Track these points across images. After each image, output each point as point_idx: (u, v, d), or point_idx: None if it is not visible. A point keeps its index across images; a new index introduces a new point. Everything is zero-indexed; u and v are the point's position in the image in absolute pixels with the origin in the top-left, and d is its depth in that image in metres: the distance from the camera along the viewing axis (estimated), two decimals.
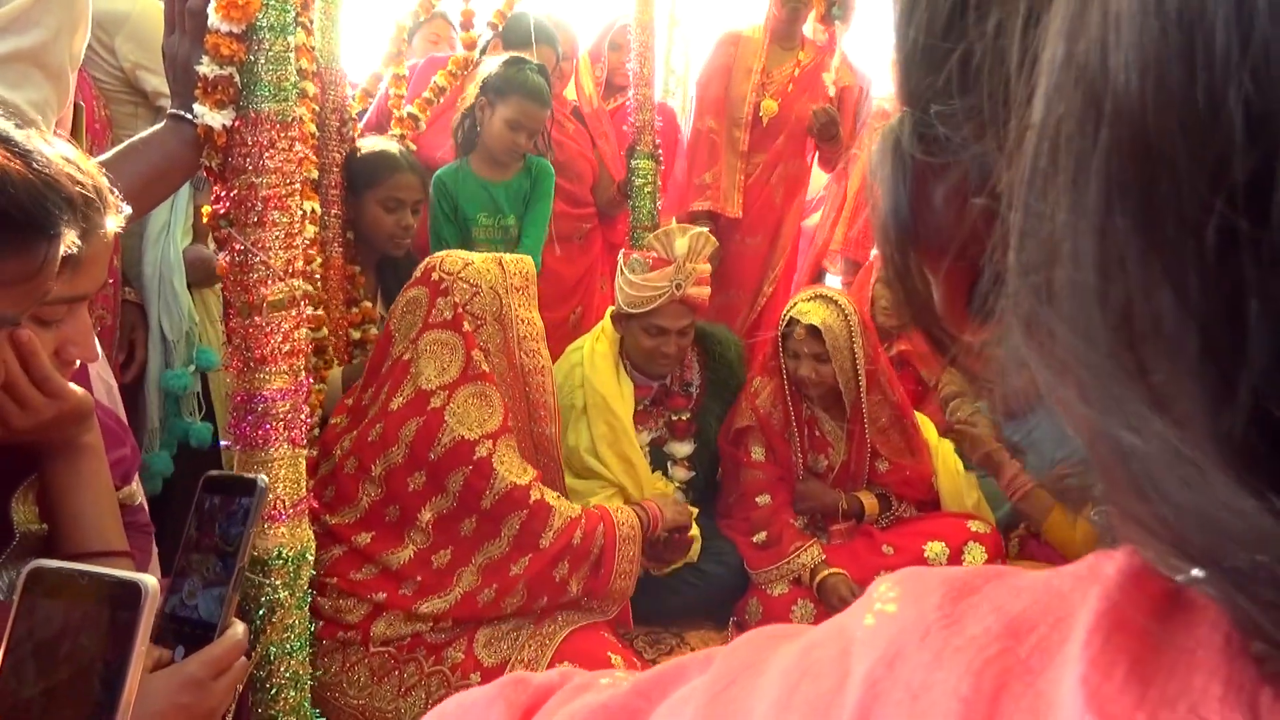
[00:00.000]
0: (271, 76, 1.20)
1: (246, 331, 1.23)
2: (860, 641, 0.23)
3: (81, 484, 0.92)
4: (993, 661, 0.20)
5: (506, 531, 1.69)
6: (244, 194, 1.21)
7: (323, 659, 1.64)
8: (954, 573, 0.24)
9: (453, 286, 1.74)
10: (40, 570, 0.60)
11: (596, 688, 0.30)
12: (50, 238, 0.72)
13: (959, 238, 0.26)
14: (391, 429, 1.68)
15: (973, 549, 2.10)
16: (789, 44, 2.96)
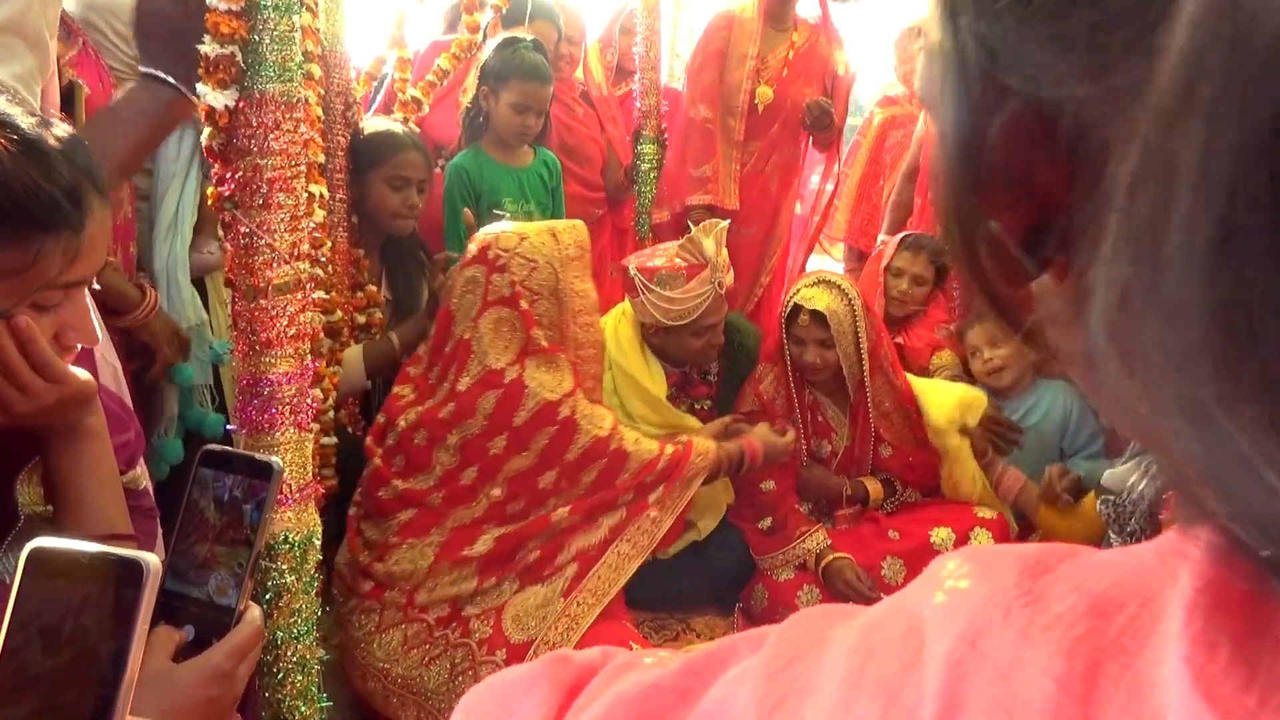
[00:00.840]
0: (276, 56, 1.19)
1: (252, 315, 1.22)
2: (931, 620, 0.22)
3: (85, 467, 0.91)
4: (1083, 640, 0.20)
5: (585, 479, 1.74)
6: (249, 176, 1.20)
7: (360, 615, 1.69)
8: (1025, 549, 0.23)
9: (510, 263, 1.74)
10: (40, 550, 0.59)
11: (641, 666, 0.30)
12: (45, 231, 0.70)
13: (1022, 174, 0.23)
14: (466, 405, 1.71)
15: (979, 534, 2.08)
16: (782, 25, 2.88)
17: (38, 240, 0.70)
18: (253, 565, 0.74)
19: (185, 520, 0.75)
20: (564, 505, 1.73)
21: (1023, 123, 0.23)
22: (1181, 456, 0.18)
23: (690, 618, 2.23)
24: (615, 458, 1.74)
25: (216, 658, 0.73)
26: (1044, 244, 0.23)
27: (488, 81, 2.42)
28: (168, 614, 0.74)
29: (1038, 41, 0.21)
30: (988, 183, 0.24)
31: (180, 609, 0.74)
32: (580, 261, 1.79)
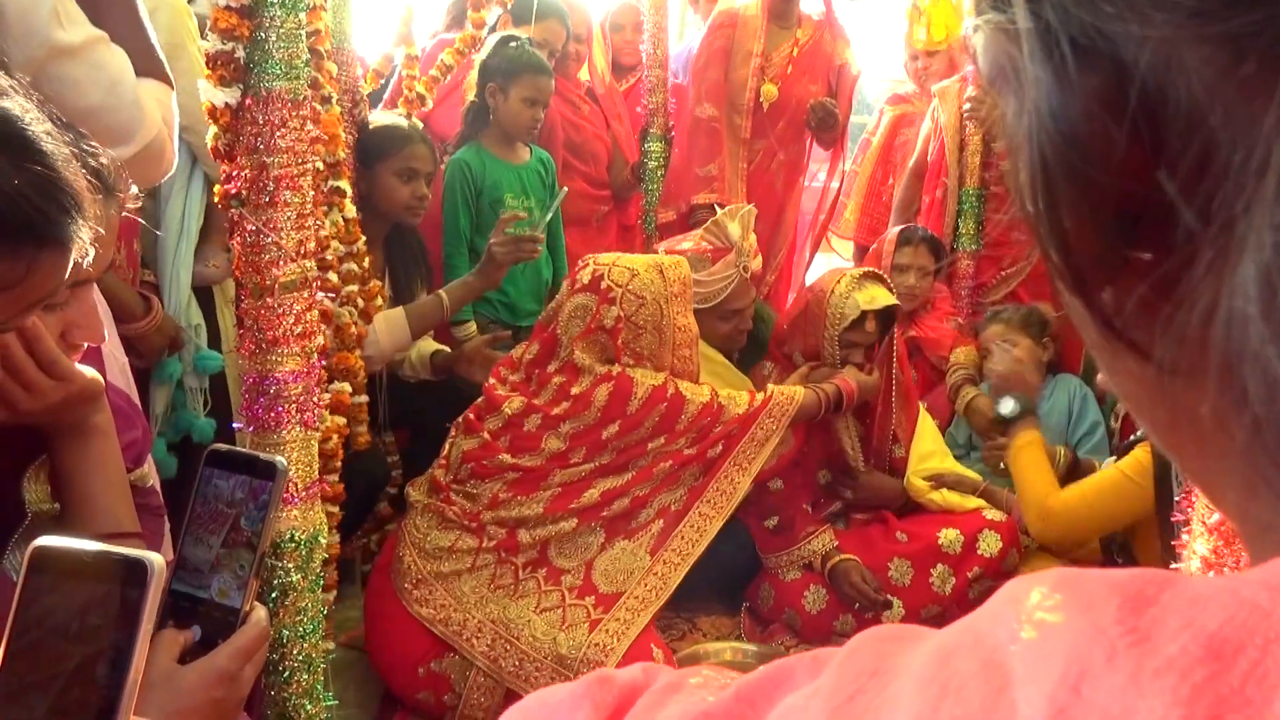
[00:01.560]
0: (283, 54, 1.19)
1: (258, 313, 1.22)
2: (1019, 656, 0.20)
3: (92, 465, 0.91)
4: (1202, 689, 0.18)
5: (690, 435, 1.87)
6: (255, 174, 1.20)
7: (451, 556, 1.78)
8: (1118, 576, 0.21)
9: (621, 298, 1.84)
10: (44, 550, 0.59)
11: (687, 689, 0.29)
12: (39, 243, 0.68)
13: (1106, 155, 0.22)
14: (583, 400, 1.82)
15: (987, 536, 2.07)
16: (786, 22, 2.85)
17: (27, 255, 0.68)
18: (258, 565, 0.73)
19: (191, 520, 0.74)
20: (665, 460, 1.86)
21: (1098, 101, 0.21)
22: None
23: (696, 616, 2.22)
24: (715, 413, 1.87)
25: (221, 659, 0.72)
26: (1125, 236, 0.22)
27: (495, 78, 2.43)
28: (175, 614, 0.74)
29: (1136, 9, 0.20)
30: (1078, 163, 0.22)
31: (187, 609, 0.74)
32: (683, 298, 1.89)
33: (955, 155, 2.96)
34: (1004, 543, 2.08)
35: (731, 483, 1.90)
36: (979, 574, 2.06)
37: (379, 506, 2.25)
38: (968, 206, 2.95)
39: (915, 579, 2.07)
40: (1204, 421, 0.23)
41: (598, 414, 1.81)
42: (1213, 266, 0.20)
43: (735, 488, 1.90)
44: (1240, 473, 0.23)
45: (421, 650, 1.74)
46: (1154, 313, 0.22)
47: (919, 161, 3.15)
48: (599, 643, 1.70)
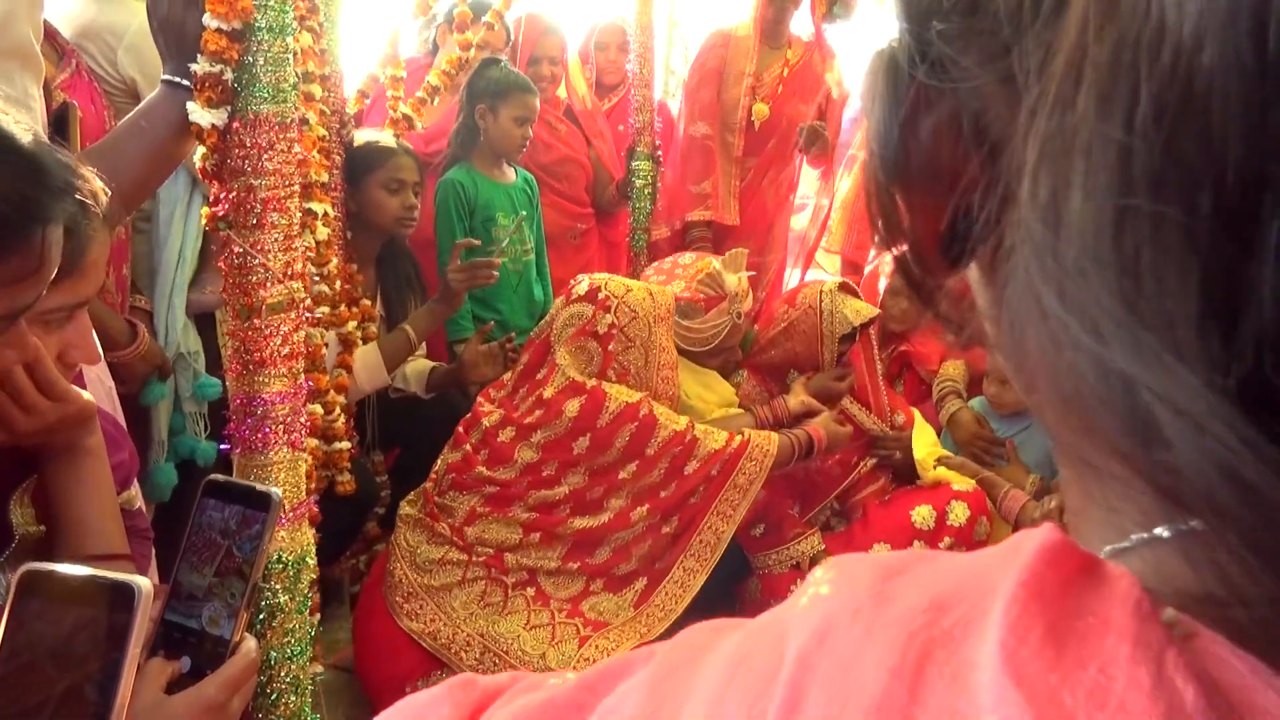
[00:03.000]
0: (270, 78, 1.19)
1: (245, 335, 1.22)
2: (794, 624, 0.24)
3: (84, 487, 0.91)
4: (918, 633, 0.21)
5: (661, 466, 1.85)
6: (242, 196, 1.20)
7: (443, 568, 1.81)
8: (886, 556, 0.24)
9: (617, 308, 1.88)
10: (33, 573, 0.59)
11: (545, 687, 0.31)
12: (45, 225, 0.71)
13: (945, 173, 0.25)
14: (554, 409, 1.83)
15: (955, 507, 2.14)
16: (776, 43, 2.91)
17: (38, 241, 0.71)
18: (249, 596, 0.73)
19: (186, 549, 0.74)
20: (641, 504, 1.84)
21: (944, 124, 0.25)
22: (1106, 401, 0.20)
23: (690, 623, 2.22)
24: (688, 446, 1.86)
25: (210, 689, 0.72)
26: (963, 236, 0.25)
27: (484, 100, 2.48)
28: (166, 644, 0.73)
29: (951, 40, 0.24)
30: (914, 182, 0.26)
31: (180, 640, 0.73)
32: (667, 323, 1.95)
33: None
34: (972, 510, 2.15)
35: (716, 533, 1.89)
36: (951, 544, 2.13)
37: (367, 527, 2.24)
38: None
39: None
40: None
41: (568, 424, 1.82)
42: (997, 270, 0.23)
43: (720, 538, 1.89)
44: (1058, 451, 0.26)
45: (409, 668, 1.74)
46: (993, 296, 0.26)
47: None
48: (589, 657, 1.71)
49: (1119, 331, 0.19)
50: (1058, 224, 0.20)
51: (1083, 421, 0.21)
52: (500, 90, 2.46)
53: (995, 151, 0.24)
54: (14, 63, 1.15)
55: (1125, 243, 0.19)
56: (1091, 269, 0.20)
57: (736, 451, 1.88)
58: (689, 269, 2.19)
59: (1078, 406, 0.21)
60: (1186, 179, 0.18)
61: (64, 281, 0.79)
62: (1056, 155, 0.20)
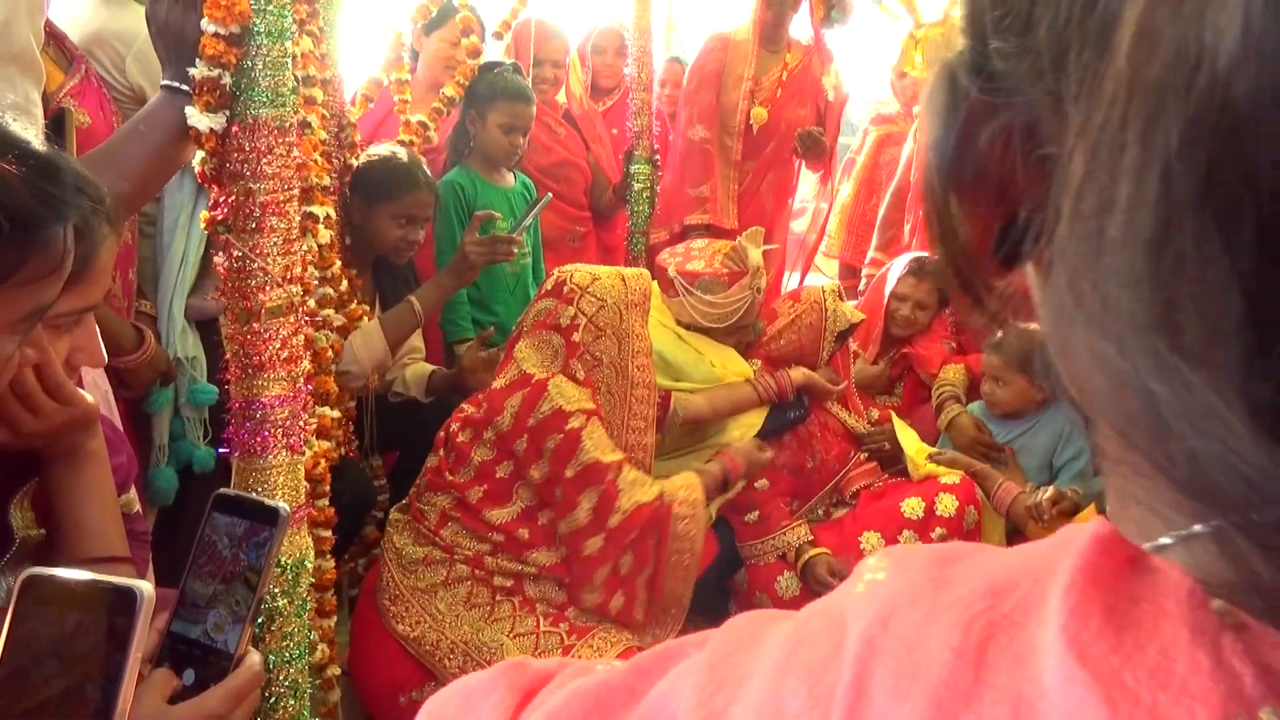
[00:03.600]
0: (269, 82, 1.20)
1: (244, 338, 1.22)
2: (851, 608, 0.25)
3: (86, 490, 0.92)
4: (979, 616, 0.22)
5: (585, 505, 1.75)
6: (241, 200, 1.21)
7: (428, 568, 1.78)
8: (940, 546, 0.26)
9: (581, 298, 1.84)
10: (35, 577, 0.59)
11: (595, 672, 0.32)
12: (64, 227, 0.72)
13: (998, 181, 0.27)
14: (497, 401, 1.79)
15: (943, 498, 2.18)
16: (775, 47, 2.90)
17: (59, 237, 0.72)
18: (255, 610, 0.73)
19: (193, 563, 0.74)
20: (577, 550, 1.76)
21: (998, 135, 0.26)
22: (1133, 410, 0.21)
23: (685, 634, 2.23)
24: (608, 493, 1.74)
25: (212, 701, 0.72)
26: (1015, 240, 0.27)
27: (474, 106, 2.48)
28: (172, 656, 0.73)
29: (1005, 57, 0.25)
30: (969, 188, 0.27)
31: (185, 652, 0.73)
32: (642, 308, 1.90)
33: None
34: (960, 501, 2.18)
35: (678, 597, 1.85)
36: (943, 534, 2.16)
37: (365, 530, 2.24)
38: None
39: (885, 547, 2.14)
40: None
41: (511, 420, 1.77)
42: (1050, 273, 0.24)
43: (683, 604, 1.87)
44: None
45: (403, 678, 1.73)
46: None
47: (901, 181, 3.19)
48: None
49: (1146, 344, 0.20)
50: (1100, 239, 0.21)
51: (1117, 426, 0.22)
52: (488, 97, 2.46)
53: (1047, 162, 0.25)
54: (14, 68, 1.15)
55: (1165, 261, 0.20)
56: (1129, 284, 0.20)
57: (667, 509, 1.78)
58: (705, 249, 2.23)
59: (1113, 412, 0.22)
60: (1227, 203, 0.19)
61: (74, 286, 0.80)
62: (1102, 172, 0.21)
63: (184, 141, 1.19)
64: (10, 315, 0.71)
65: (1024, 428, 2.41)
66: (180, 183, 1.80)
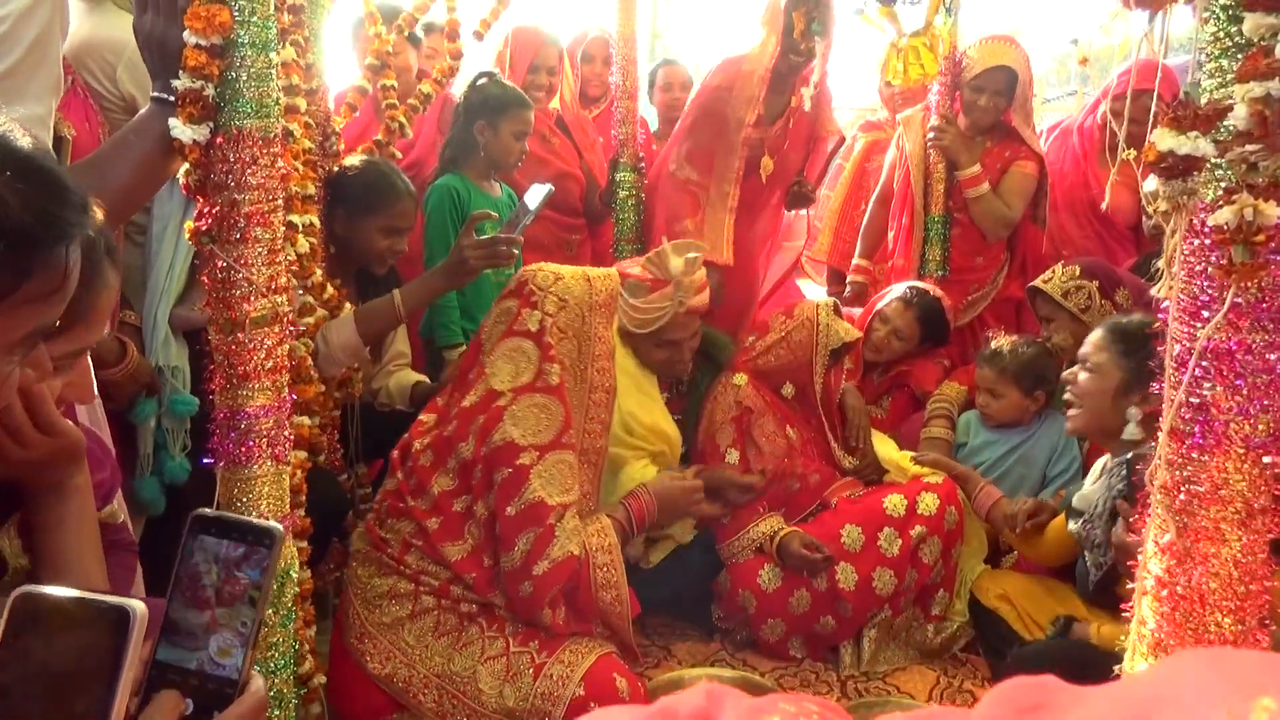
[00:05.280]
0: (253, 93, 1.20)
1: (229, 348, 1.22)
2: None
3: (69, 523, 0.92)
4: None
5: (521, 546, 1.70)
6: (226, 210, 1.21)
7: (391, 601, 1.74)
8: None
9: (543, 300, 1.82)
10: (27, 595, 0.59)
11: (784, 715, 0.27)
12: (68, 246, 0.72)
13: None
14: (464, 425, 1.77)
15: (925, 497, 2.21)
16: (783, 87, 2.70)
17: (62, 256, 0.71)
18: (255, 634, 0.70)
19: (177, 591, 0.70)
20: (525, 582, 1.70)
21: None
22: None
23: (671, 643, 2.23)
24: (543, 537, 1.70)
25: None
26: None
27: (482, 116, 2.52)
28: (162, 686, 0.69)
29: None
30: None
31: (180, 682, 0.69)
32: (607, 309, 1.87)
33: (920, 183, 3.02)
34: (941, 501, 2.21)
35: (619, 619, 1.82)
36: (923, 532, 2.18)
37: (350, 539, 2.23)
38: (933, 233, 3.00)
39: (865, 543, 2.17)
40: None
41: (473, 444, 1.74)
42: None
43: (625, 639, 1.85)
44: None
45: (379, 705, 1.71)
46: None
47: (885, 189, 3.21)
48: (544, 691, 1.66)
49: None
50: None
51: None
52: (499, 106, 2.51)
53: None
54: (46, 85, 1.16)
55: None
56: None
57: (585, 563, 1.74)
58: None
59: None
60: None
61: (74, 327, 0.81)
62: None
63: (171, 153, 1.19)
64: (9, 335, 0.71)
65: (1021, 438, 2.43)
66: (169, 192, 1.80)
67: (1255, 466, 0.93)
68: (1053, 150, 3.14)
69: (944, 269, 2.99)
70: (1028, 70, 2.93)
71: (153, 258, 1.86)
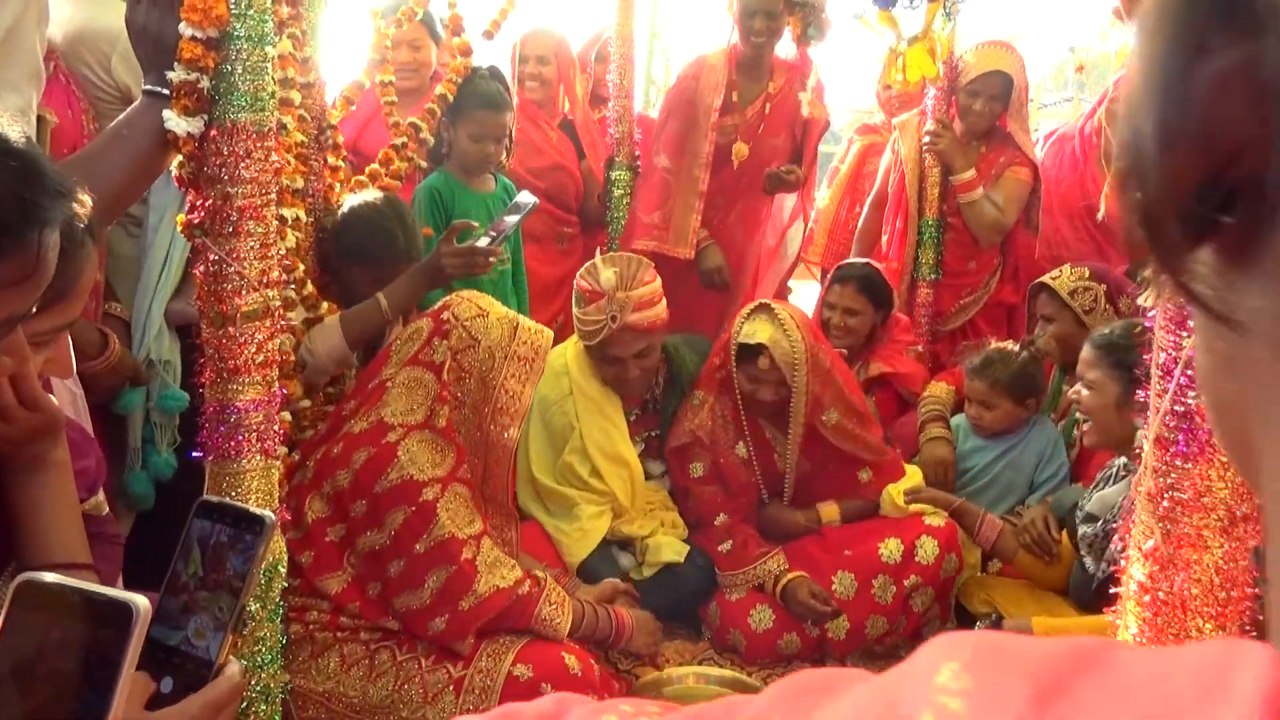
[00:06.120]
0: (248, 86, 1.20)
1: (220, 342, 1.22)
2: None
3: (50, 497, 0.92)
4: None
5: (431, 584, 1.62)
6: (219, 204, 1.21)
7: (292, 647, 1.62)
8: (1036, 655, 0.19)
9: (453, 331, 1.72)
10: (30, 583, 0.59)
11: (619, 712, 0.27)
12: (42, 229, 0.71)
13: (1215, 127, 0.23)
14: (347, 451, 1.67)
15: (925, 543, 2.13)
16: (757, 73, 2.82)
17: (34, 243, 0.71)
18: (236, 618, 0.72)
19: (175, 571, 0.73)
20: (418, 633, 1.64)
21: (1234, 74, 0.22)
22: None
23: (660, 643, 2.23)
24: (463, 571, 1.61)
25: (192, 709, 0.71)
26: (1213, 200, 0.23)
27: (449, 113, 2.47)
28: (151, 662, 0.71)
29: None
30: (1177, 125, 0.23)
31: (163, 660, 0.72)
32: (527, 364, 1.72)
33: (915, 187, 3.03)
34: (940, 548, 2.13)
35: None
36: (917, 582, 2.11)
37: None
38: (927, 237, 3.01)
39: (859, 591, 2.11)
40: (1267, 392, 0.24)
41: (351, 478, 1.64)
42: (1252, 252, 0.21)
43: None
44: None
45: None
46: (1235, 277, 0.24)
47: (879, 192, 3.22)
48: (469, 707, 1.59)
49: None
50: None
51: None
52: (460, 105, 2.44)
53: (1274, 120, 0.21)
54: (21, 74, 1.15)
55: None
56: None
57: (532, 597, 1.66)
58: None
59: None
60: None
61: (56, 303, 0.80)
62: None
63: (165, 147, 1.19)
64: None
65: (1010, 444, 2.43)
66: (165, 183, 1.79)
67: (1238, 474, 0.94)
68: (1050, 156, 3.15)
69: (937, 273, 3.00)
70: (1023, 76, 2.93)
71: (147, 249, 1.85)
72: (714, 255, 2.84)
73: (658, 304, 2.13)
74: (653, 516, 2.28)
